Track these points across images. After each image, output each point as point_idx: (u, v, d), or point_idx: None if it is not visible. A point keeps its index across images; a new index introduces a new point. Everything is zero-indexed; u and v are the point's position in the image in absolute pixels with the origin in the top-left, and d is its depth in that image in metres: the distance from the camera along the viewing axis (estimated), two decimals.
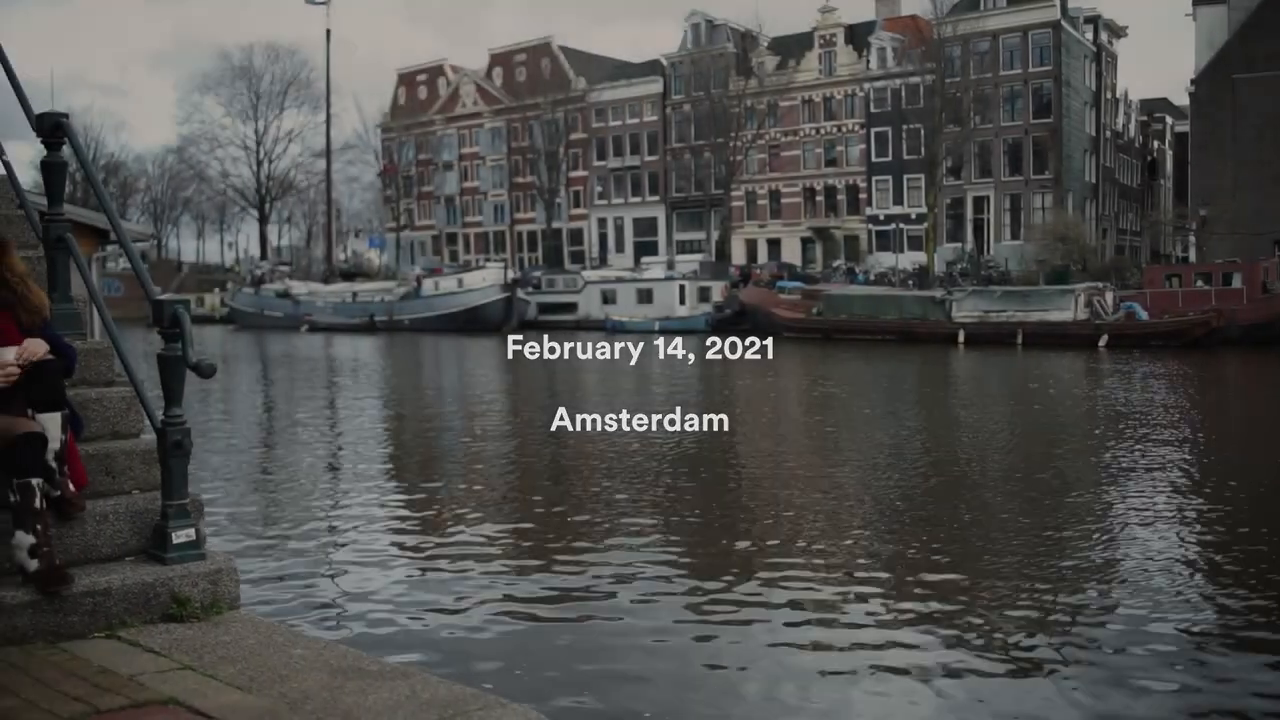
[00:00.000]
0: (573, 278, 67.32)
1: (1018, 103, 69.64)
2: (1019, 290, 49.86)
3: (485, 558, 10.79)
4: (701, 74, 79.97)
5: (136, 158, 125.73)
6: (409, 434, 21.13)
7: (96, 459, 5.11)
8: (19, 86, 6.17)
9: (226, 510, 12.91)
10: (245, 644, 4.37)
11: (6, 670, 4.05)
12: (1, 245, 5.00)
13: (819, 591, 9.45)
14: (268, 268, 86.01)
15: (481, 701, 3.73)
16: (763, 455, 17.62)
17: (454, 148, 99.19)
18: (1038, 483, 14.73)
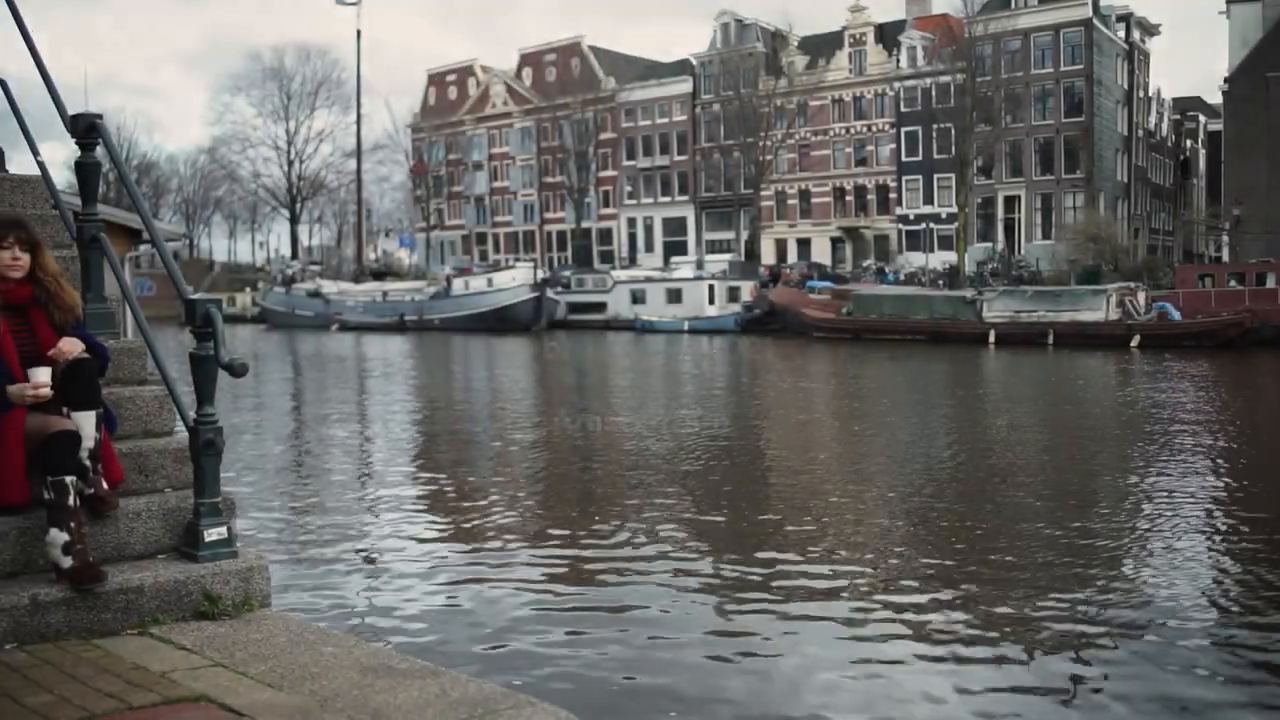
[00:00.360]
0: (602, 277, 67.26)
1: (1049, 102, 69.24)
2: (1050, 290, 49.55)
3: (514, 555, 10.81)
4: (731, 74, 79.81)
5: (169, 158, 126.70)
6: (439, 433, 21.18)
7: (130, 457, 5.14)
8: (53, 88, 6.21)
9: (257, 509, 12.97)
10: (276, 642, 4.39)
11: (41, 666, 4.08)
12: (34, 245, 5.04)
13: (847, 590, 9.43)
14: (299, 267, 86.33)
15: (511, 700, 3.73)
16: (792, 455, 17.59)
17: (484, 148, 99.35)
18: (1067, 483, 14.67)
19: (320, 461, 17.46)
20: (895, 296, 51.95)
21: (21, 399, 4.70)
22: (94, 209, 5.88)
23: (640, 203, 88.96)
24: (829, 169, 79.21)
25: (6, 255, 4.93)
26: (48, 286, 5.00)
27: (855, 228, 77.40)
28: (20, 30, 6.52)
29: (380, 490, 14.71)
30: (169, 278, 5.59)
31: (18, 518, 4.65)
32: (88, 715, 3.59)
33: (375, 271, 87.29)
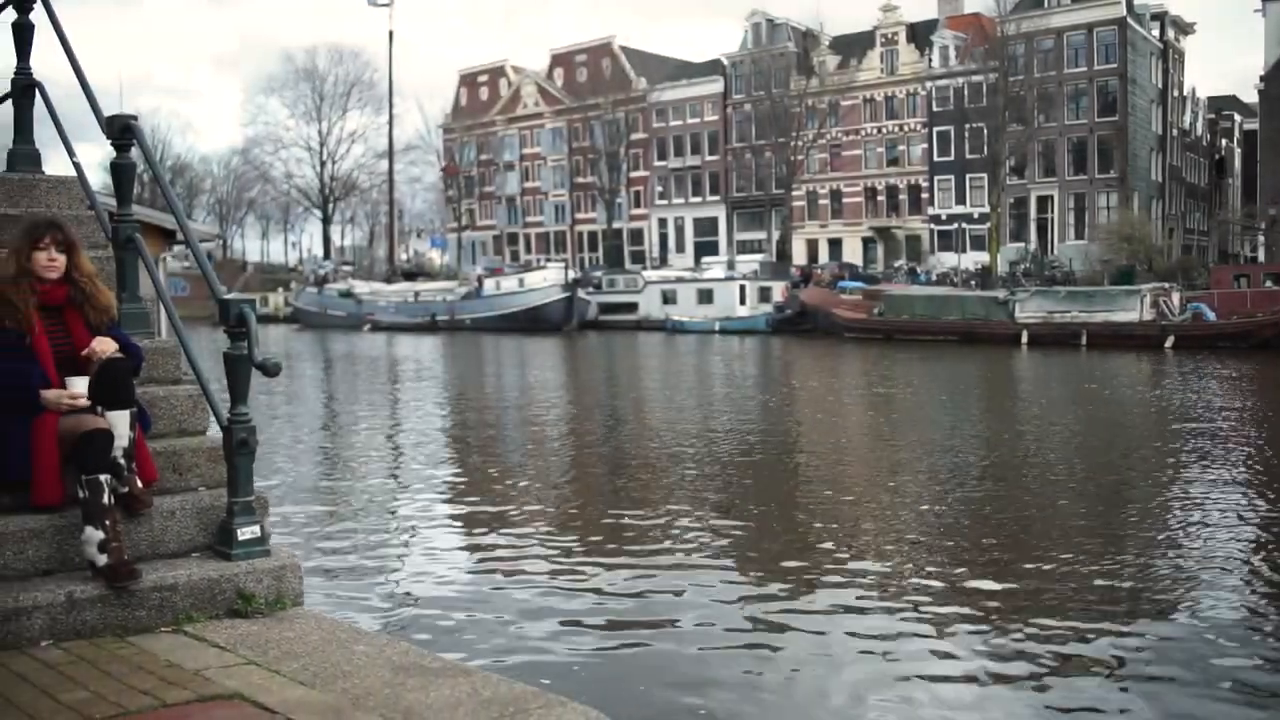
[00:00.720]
0: (633, 278, 67.28)
1: (1082, 101, 68.82)
2: (1083, 290, 49.27)
3: (544, 555, 10.82)
4: (762, 73, 79.68)
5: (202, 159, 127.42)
6: (470, 433, 21.23)
7: (164, 456, 5.18)
8: (89, 90, 6.27)
9: (290, 507, 13.03)
10: (308, 640, 4.41)
11: (77, 663, 4.11)
12: (70, 245, 5.08)
13: (877, 592, 9.40)
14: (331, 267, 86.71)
15: (542, 700, 3.74)
16: (823, 456, 17.55)
17: (515, 148, 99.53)
18: (1101, 485, 14.58)
19: (352, 461, 17.53)
20: (927, 297, 51.76)
21: (58, 406, 4.74)
22: (129, 210, 5.92)
23: (671, 203, 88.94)
24: (860, 169, 79.00)
25: (43, 256, 4.98)
26: (83, 287, 5.05)
27: (887, 228, 77.17)
28: (57, 33, 6.58)
29: (411, 490, 14.76)
30: (203, 278, 5.62)
31: (54, 516, 4.70)
32: (123, 712, 3.62)
33: (407, 272, 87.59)
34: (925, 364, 36.70)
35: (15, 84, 7.03)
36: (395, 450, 18.74)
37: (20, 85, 7.02)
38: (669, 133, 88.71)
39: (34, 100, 7.06)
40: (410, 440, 19.85)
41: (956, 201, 73.53)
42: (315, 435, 20.82)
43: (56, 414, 4.73)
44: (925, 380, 31.51)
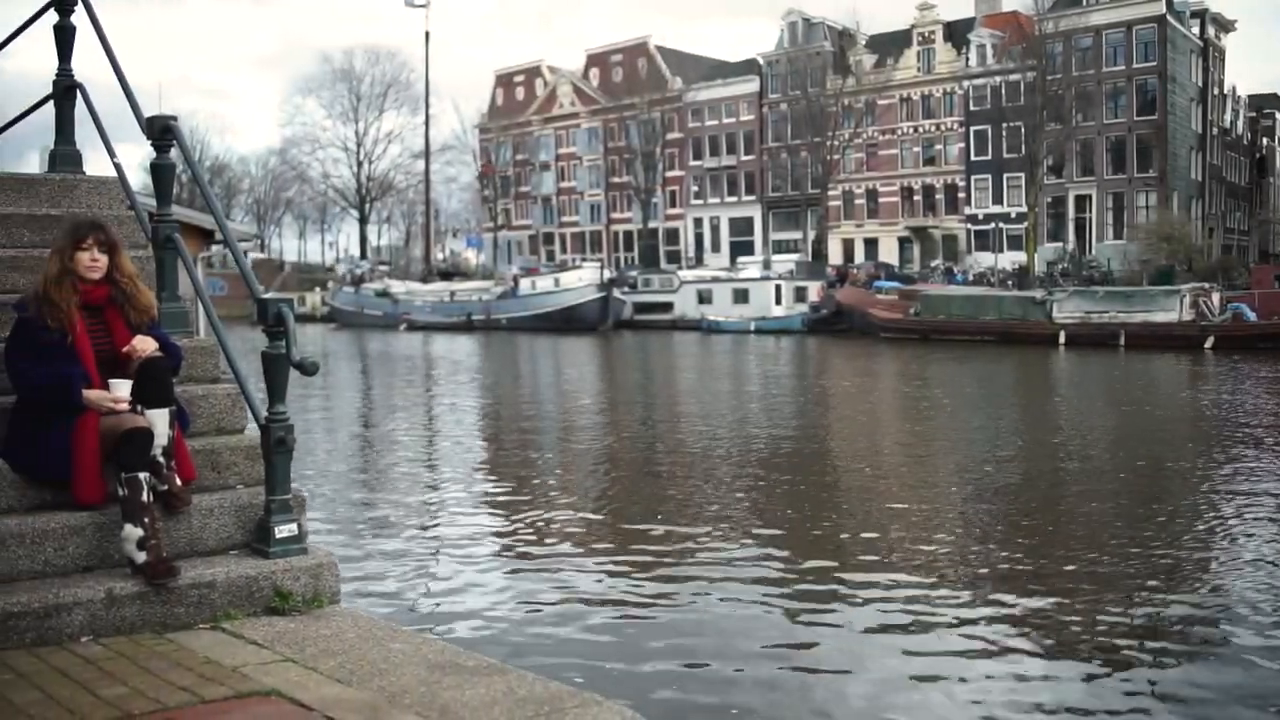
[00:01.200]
0: (669, 277, 67.24)
1: (1121, 99, 68.30)
2: (1122, 291, 48.89)
3: (579, 555, 10.84)
4: (798, 73, 79.52)
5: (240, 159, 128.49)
6: (505, 431, 21.28)
7: (202, 454, 5.22)
8: (130, 91, 6.32)
9: (327, 505, 13.10)
10: (345, 638, 4.44)
11: (115, 659, 4.15)
12: (112, 246, 5.13)
13: (911, 592, 9.36)
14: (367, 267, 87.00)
15: (578, 699, 3.75)
16: (857, 456, 17.51)
17: (551, 148, 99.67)
18: (1136, 487, 14.48)
19: (387, 459, 17.60)
20: (964, 297, 51.52)
21: (99, 407, 4.79)
22: (169, 210, 5.97)
23: (707, 203, 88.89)
24: (897, 168, 78.72)
25: (86, 256, 5.03)
26: (124, 287, 5.10)
27: (923, 227, 76.86)
28: (98, 35, 6.64)
29: (446, 487, 14.81)
30: (241, 277, 5.66)
31: (94, 513, 4.75)
32: (161, 708, 3.65)
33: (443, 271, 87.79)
34: (961, 364, 36.52)
35: (57, 85, 7.10)
36: (431, 449, 18.81)
37: (62, 87, 7.10)
38: (704, 132, 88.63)
39: (75, 101, 7.13)
40: (446, 439, 19.91)
41: (993, 201, 73.12)
42: (351, 434, 20.92)
43: (97, 413, 4.78)
44: (961, 381, 31.37)
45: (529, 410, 25.39)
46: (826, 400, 27.11)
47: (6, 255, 6.00)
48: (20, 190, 6.58)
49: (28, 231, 6.26)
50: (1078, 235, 69.43)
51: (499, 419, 23.70)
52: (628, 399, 28.06)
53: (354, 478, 15.88)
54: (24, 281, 5.69)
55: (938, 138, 77.03)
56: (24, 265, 5.89)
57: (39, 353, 4.85)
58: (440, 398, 28.52)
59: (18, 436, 4.85)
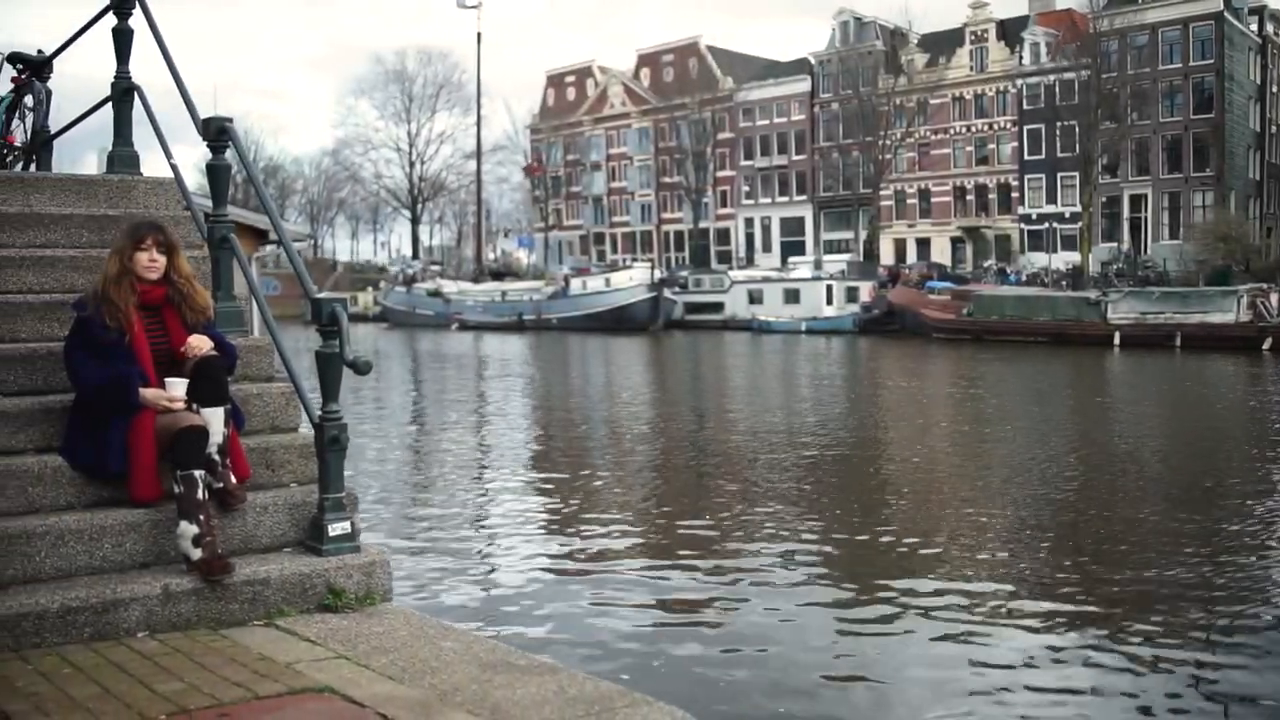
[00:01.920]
0: (719, 277, 67.16)
1: (1177, 98, 67.44)
2: (1178, 291, 48.30)
3: (628, 555, 10.85)
4: (850, 72, 79.15)
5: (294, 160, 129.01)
6: (555, 431, 21.33)
7: (257, 452, 5.27)
8: (186, 93, 6.39)
9: (379, 504, 13.19)
10: (397, 635, 4.46)
11: (171, 654, 4.20)
12: (170, 247, 5.19)
13: (962, 600, 9.30)
14: (419, 267, 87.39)
15: (628, 699, 3.75)
16: (908, 459, 17.41)
17: (602, 148, 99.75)
18: (1192, 492, 14.30)
19: (438, 457, 17.69)
20: (1017, 297, 51.10)
21: (156, 405, 4.85)
22: (224, 210, 6.03)
23: (758, 203, 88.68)
24: (949, 168, 78.17)
25: (144, 257, 5.09)
26: (181, 288, 5.16)
27: (976, 227, 76.28)
28: (155, 39, 6.71)
29: (497, 487, 14.86)
30: (295, 277, 5.71)
31: (151, 510, 4.81)
32: (216, 703, 3.68)
33: (494, 271, 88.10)
34: (1015, 365, 36.23)
35: (115, 88, 7.19)
36: (482, 448, 18.88)
37: (120, 89, 7.18)
38: (756, 132, 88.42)
39: (133, 103, 7.22)
40: (496, 438, 19.98)
41: (1047, 201, 72.45)
42: (403, 433, 21.03)
43: (153, 413, 4.84)
44: (1014, 382, 31.12)
45: (579, 410, 25.44)
46: (877, 402, 26.98)
47: (66, 255, 6.07)
48: (80, 191, 6.66)
49: (86, 232, 6.34)
50: (1133, 235, 68.66)
51: (549, 419, 23.75)
52: (678, 399, 28.05)
53: (406, 476, 15.97)
54: (83, 281, 5.76)
55: (991, 137, 76.39)
56: (83, 265, 5.96)
57: (97, 352, 4.91)
58: (491, 397, 28.62)
59: (76, 434, 4.91)
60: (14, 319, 5.57)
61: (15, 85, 8.93)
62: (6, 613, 4.25)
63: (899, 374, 34.87)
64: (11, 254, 5.94)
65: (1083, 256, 65.12)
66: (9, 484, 4.76)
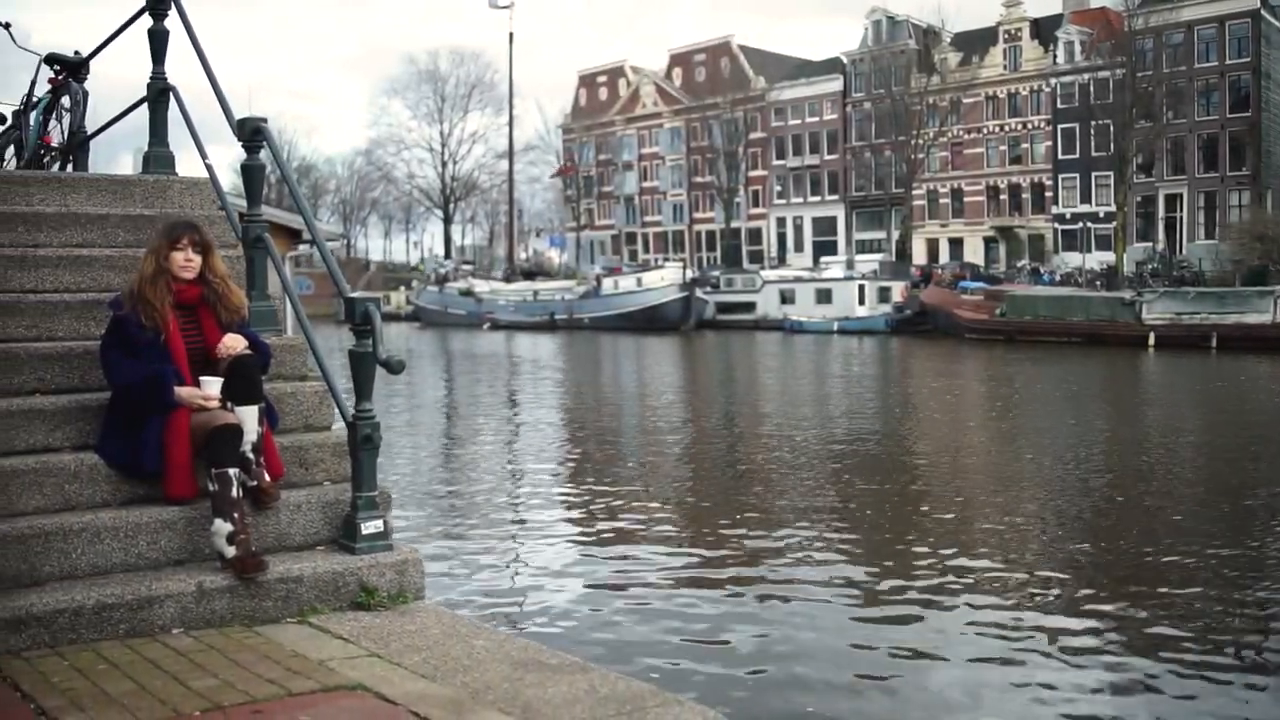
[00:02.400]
0: (751, 277, 67.07)
1: (1213, 96, 66.87)
2: (1214, 291, 47.92)
3: (660, 556, 10.85)
4: (882, 71, 78.88)
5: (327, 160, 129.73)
6: (587, 430, 21.34)
7: (290, 451, 5.29)
8: (221, 94, 6.42)
9: (411, 502, 13.23)
10: (429, 634, 4.48)
11: (206, 651, 4.23)
12: (206, 246, 5.23)
13: (992, 599, 9.26)
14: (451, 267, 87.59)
15: (660, 699, 3.75)
16: (940, 460, 17.34)
17: (634, 148, 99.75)
18: (1228, 496, 14.18)
19: (471, 457, 17.74)
20: (1051, 298, 50.82)
21: (190, 404, 4.88)
22: (258, 210, 6.07)
23: (790, 202, 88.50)
24: (982, 167, 77.78)
25: (180, 256, 5.13)
26: (216, 287, 5.19)
27: (1009, 227, 75.87)
28: (190, 39, 6.76)
29: (529, 486, 14.89)
30: (328, 277, 5.74)
31: (185, 508, 4.84)
32: (250, 700, 3.71)
33: (526, 271, 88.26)
34: (1048, 366, 36.03)
35: (151, 88, 7.24)
36: (513, 448, 18.92)
37: (155, 89, 7.23)
38: (788, 132, 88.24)
39: (168, 104, 7.26)
40: (528, 438, 20.01)
41: (1081, 200, 71.99)
42: (435, 432, 21.10)
43: (188, 412, 4.87)
44: (1048, 383, 30.94)
45: (611, 411, 25.45)
46: (909, 402, 26.89)
47: (103, 255, 6.12)
48: (116, 191, 6.71)
49: (122, 231, 6.39)
50: (1168, 235, 68.13)
51: (581, 418, 23.77)
52: (710, 400, 28.02)
53: (438, 475, 16.01)
54: (119, 281, 5.81)
55: (1024, 136, 75.96)
56: (119, 265, 6.01)
57: (133, 350, 4.95)
58: (523, 397, 28.67)
59: (112, 432, 4.95)
60: (51, 318, 5.62)
61: (53, 86, 9.00)
62: (44, 609, 4.29)
63: (931, 375, 34.74)
64: (49, 253, 5.99)
65: (1117, 256, 64.70)
66: (46, 481, 4.81)
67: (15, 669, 4.04)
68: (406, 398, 26.63)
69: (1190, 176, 67.46)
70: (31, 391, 5.25)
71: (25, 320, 5.55)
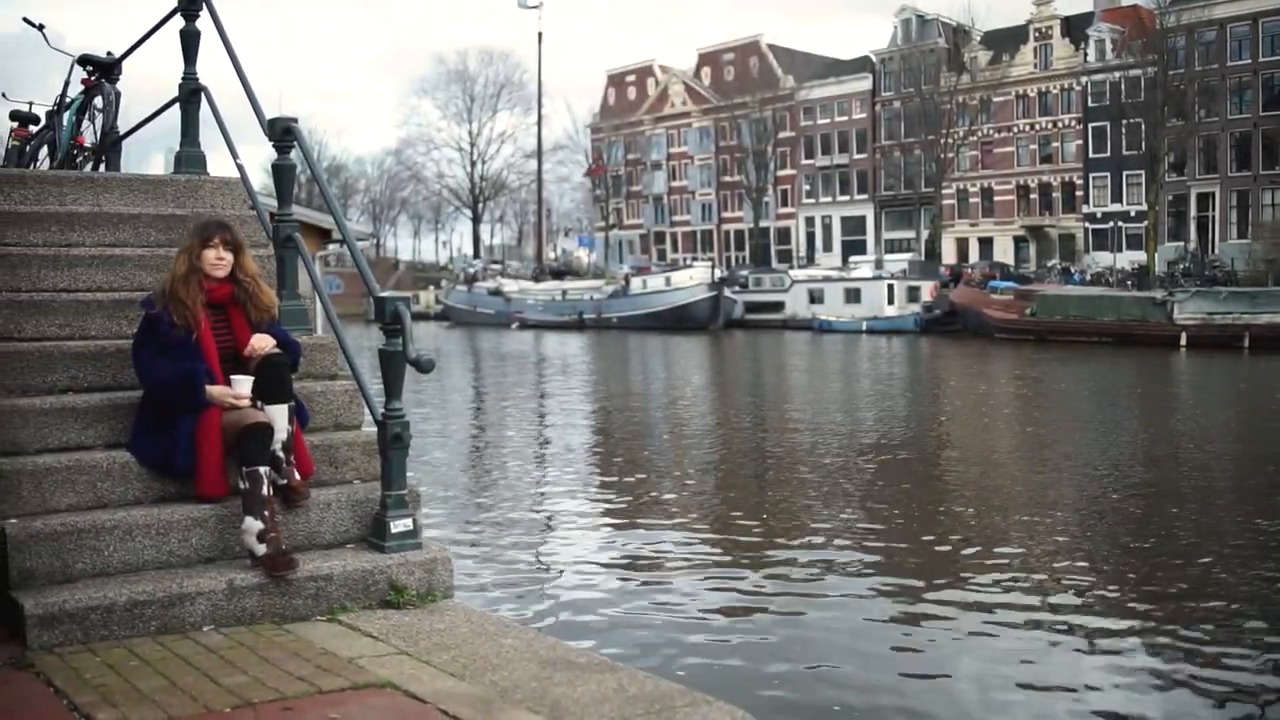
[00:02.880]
0: (780, 277, 66.93)
1: (1246, 94, 66.29)
2: (1246, 291, 47.53)
3: (686, 554, 10.86)
4: (912, 70, 78.56)
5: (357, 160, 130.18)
6: (615, 431, 21.36)
7: (320, 449, 5.32)
8: (252, 93, 6.46)
9: (440, 501, 13.27)
10: (458, 632, 4.49)
11: (236, 648, 4.25)
12: (237, 245, 5.26)
13: (1022, 600, 9.23)
14: (480, 266, 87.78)
15: (688, 698, 3.75)
16: (970, 462, 17.28)
17: (662, 147, 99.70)
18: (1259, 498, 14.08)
19: (499, 456, 17.77)
20: (1081, 297, 50.50)
21: (221, 402, 4.91)
22: (289, 209, 6.09)
23: (819, 202, 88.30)
24: (1012, 166, 77.39)
25: (212, 254, 5.16)
26: (247, 286, 5.22)
27: (1039, 226, 75.48)
28: (222, 40, 6.79)
29: (557, 486, 14.92)
30: (357, 276, 5.77)
31: (216, 506, 4.87)
32: (280, 697, 3.73)
33: (555, 270, 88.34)
34: (1079, 367, 35.83)
35: (182, 89, 7.29)
36: (541, 447, 18.95)
37: (187, 90, 7.27)
38: (817, 131, 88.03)
39: (199, 104, 7.31)
40: (556, 437, 20.05)
41: (1112, 199, 71.55)
42: (464, 431, 21.15)
43: (219, 411, 4.90)
44: (1078, 383, 30.78)
45: (639, 410, 25.46)
46: (938, 403, 26.80)
47: (135, 254, 6.16)
48: (148, 191, 6.75)
49: (154, 231, 6.43)
50: (1200, 234, 67.61)
51: (609, 418, 23.78)
52: (738, 399, 27.99)
53: (467, 474, 16.06)
54: (151, 280, 5.85)
55: (1055, 135, 75.53)
56: (151, 264, 6.05)
57: (165, 349, 4.98)
58: (552, 396, 28.71)
59: (144, 431, 4.99)
60: (84, 316, 5.66)
61: (85, 87, 9.07)
62: (76, 605, 4.33)
63: (961, 375, 34.61)
64: (82, 253, 6.04)
65: (1148, 256, 64.29)
66: (79, 479, 4.85)
67: (48, 665, 4.07)
68: (436, 397, 26.69)
69: (1223, 175, 66.94)
70: (64, 390, 5.30)
71: (59, 319, 5.60)
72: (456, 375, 35.20)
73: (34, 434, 5.00)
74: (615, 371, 38.24)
